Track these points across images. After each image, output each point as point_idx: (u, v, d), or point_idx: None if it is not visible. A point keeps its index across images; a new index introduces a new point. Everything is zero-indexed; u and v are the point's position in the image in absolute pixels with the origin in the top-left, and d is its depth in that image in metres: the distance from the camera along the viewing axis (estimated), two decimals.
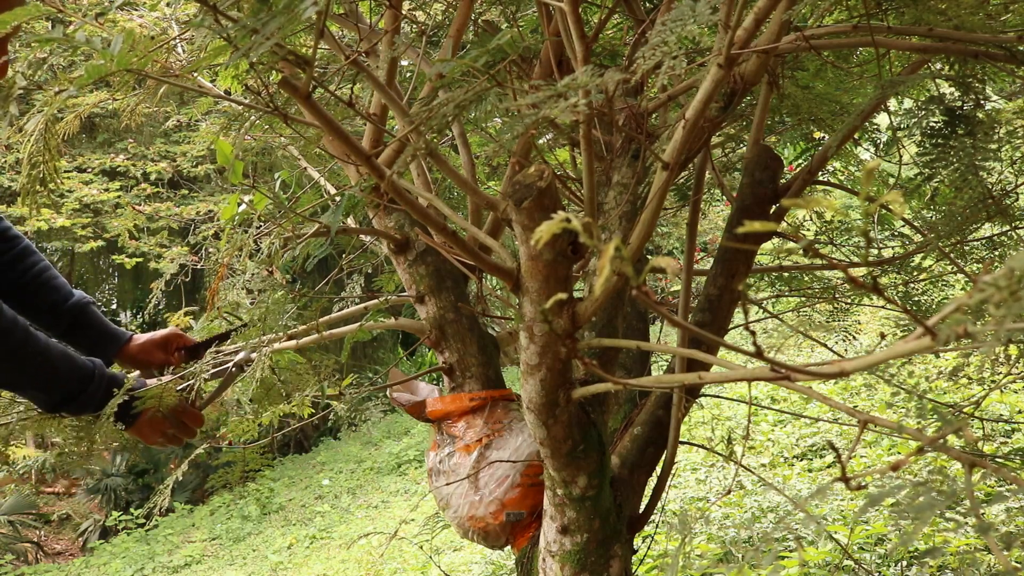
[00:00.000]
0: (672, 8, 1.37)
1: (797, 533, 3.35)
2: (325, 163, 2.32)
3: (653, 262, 0.62)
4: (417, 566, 5.18)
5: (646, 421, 1.70)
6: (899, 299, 2.37)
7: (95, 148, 8.91)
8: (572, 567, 1.48)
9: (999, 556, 0.59)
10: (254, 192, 1.95)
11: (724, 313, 1.72)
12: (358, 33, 1.92)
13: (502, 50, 1.16)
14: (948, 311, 0.57)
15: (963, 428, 0.63)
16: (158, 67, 1.22)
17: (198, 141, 8.07)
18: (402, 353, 9.07)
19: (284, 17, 0.88)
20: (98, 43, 1.00)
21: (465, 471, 1.77)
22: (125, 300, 12.37)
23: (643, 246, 1.24)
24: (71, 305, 1.69)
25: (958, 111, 1.64)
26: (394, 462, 8.76)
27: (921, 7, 1.42)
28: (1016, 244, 1.98)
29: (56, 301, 1.68)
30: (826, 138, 2.18)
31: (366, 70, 1.50)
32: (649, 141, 1.47)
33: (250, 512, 8.70)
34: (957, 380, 4.31)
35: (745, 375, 0.81)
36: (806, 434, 4.69)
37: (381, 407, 2.41)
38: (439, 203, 1.47)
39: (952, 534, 3.01)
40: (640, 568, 3.05)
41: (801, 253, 0.58)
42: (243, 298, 1.93)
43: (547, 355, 1.25)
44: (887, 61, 2.00)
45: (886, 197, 0.53)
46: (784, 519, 3.61)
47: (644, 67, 0.95)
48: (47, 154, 1.62)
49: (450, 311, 1.89)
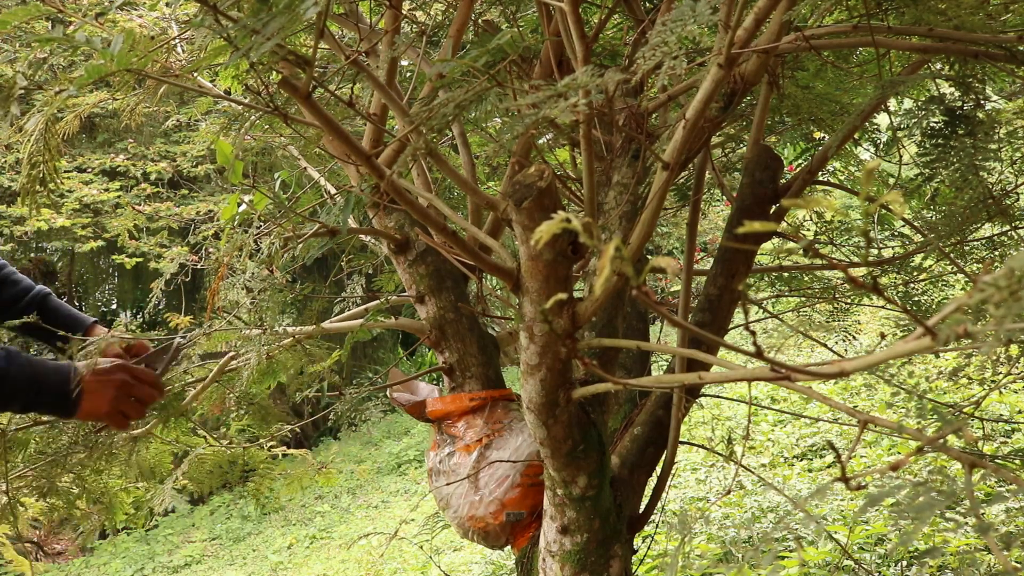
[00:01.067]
0: (672, 8, 1.37)
1: (797, 533, 3.35)
2: (325, 163, 2.32)
3: (653, 262, 0.62)
4: (417, 566, 5.18)
5: (646, 421, 1.70)
6: (899, 299, 2.37)
7: (95, 148, 8.90)
8: (572, 567, 1.48)
9: (999, 556, 0.59)
10: (254, 192, 1.95)
11: (724, 313, 1.72)
12: (358, 33, 1.92)
13: (502, 50, 1.16)
14: (948, 311, 0.57)
15: (963, 428, 0.63)
16: (158, 67, 1.22)
17: (198, 141, 8.07)
18: (402, 353, 9.07)
19: (284, 17, 0.88)
20: (98, 43, 1.00)
21: (465, 471, 1.77)
22: (125, 300, 12.36)
23: (643, 246, 1.24)
24: (33, 295, 1.74)
25: (958, 111, 1.64)
26: (394, 462, 8.76)
27: (921, 7, 1.42)
28: (1016, 244, 1.98)
29: (18, 294, 1.73)
30: (826, 138, 2.18)
31: (366, 70, 1.50)
32: (649, 141, 1.47)
33: (250, 512, 8.70)
34: (957, 380, 4.31)
35: (745, 375, 0.81)
36: (806, 434, 4.69)
37: (381, 407, 2.41)
38: (439, 203, 1.47)
39: (952, 534, 3.01)
40: (640, 568, 3.05)
41: (801, 253, 0.58)
42: (243, 297, 1.93)
43: (547, 355, 1.25)
44: (887, 61, 2.00)
45: (886, 197, 0.53)
46: (784, 519, 3.61)
47: (644, 67, 0.95)
48: (47, 154, 1.62)
49: (450, 311, 1.89)
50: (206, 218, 7.86)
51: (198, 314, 3.62)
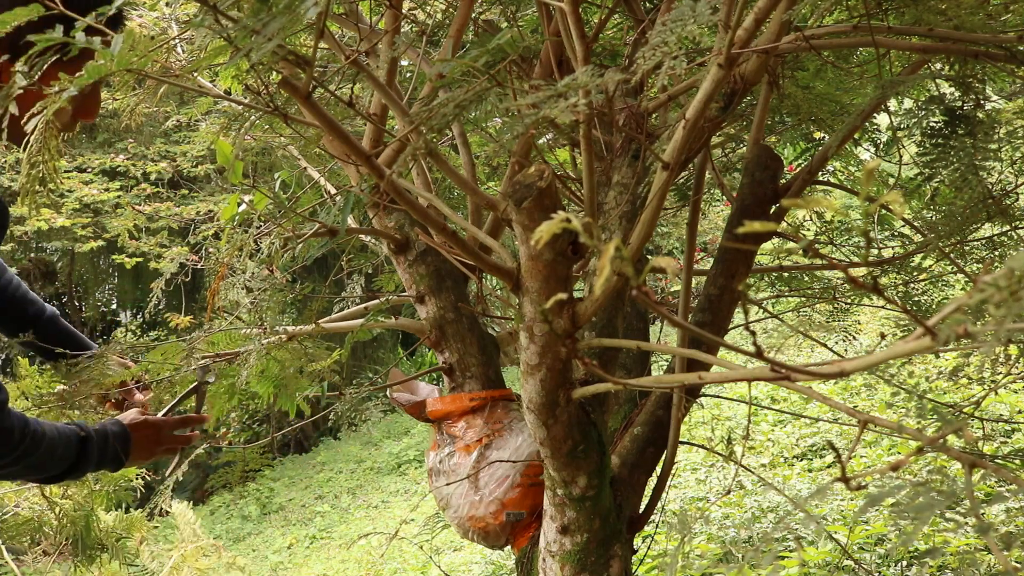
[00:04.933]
0: (672, 8, 1.37)
1: (797, 533, 3.35)
2: (325, 163, 2.32)
3: (653, 262, 0.62)
4: (417, 566, 5.18)
5: (646, 421, 1.70)
6: (899, 299, 2.37)
7: (95, 148, 8.90)
8: (572, 567, 1.48)
9: (999, 556, 0.59)
10: (254, 192, 1.95)
11: (724, 313, 1.72)
12: (358, 33, 1.92)
13: (502, 50, 1.16)
14: (948, 311, 0.57)
15: (963, 428, 0.63)
16: (158, 67, 1.22)
17: (198, 141, 8.07)
18: (402, 353, 9.07)
19: (285, 17, 0.88)
20: (98, 43, 1.00)
21: (465, 471, 1.77)
22: (125, 300, 12.35)
23: (643, 246, 1.24)
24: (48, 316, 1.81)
25: (958, 111, 1.64)
26: (394, 462, 8.76)
27: (921, 7, 1.42)
28: (1016, 244, 1.98)
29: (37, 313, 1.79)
30: (826, 138, 2.18)
31: (366, 70, 1.50)
32: (649, 141, 1.47)
33: (250, 512, 8.69)
34: (957, 380, 4.31)
35: (745, 375, 0.81)
36: (806, 434, 4.69)
37: (381, 407, 2.41)
38: (439, 203, 1.47)
39: (952, 534, 3.01)
40: (640, 568, 3.05)
41: (801, 253, 0.58)
42: (243, 298, 1.93)
43: (547, 355, 1.25)
44: (887, 61, 2.00)
45: (886, 197, 0.53)
46: (784, 519, 3.61)
47: (644, 67, 0.95)
48: (47, 154, 1.62)
49: (450, 311, 1.88)
50: (206, 218, 7.86)
51: (198, 314, 3.62)
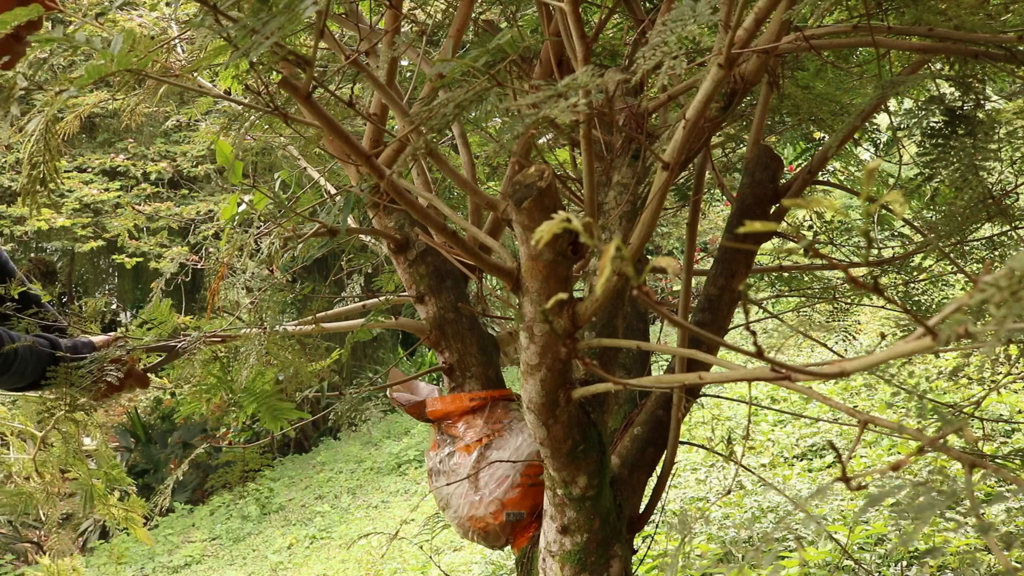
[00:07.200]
0: (672, 8, 1.37)
1: (797, 533, 3.34)
2: (325, 163, 2.32)
3: (653, 262, 0.62)
4: (417, 566, 5.18)
5: (646, 421, 1.70)
6: (899, 299, 2.37)
7: (95, 148, 8.91)
8: (572, 567, 1.48)
9: (999, 556, 0.59)
10: (254, 192, 1.95)
11: (724, 313, 1.72)
12: (358, 33, 1.92)
13: (502, 50, 1.16)
14: (948, 311, 0.57)
15: (963, 428, 0.63)
16: (158, 67, 1.22)
17: (198, 141, 8.07)
18: (402, 353, 9.06)
19: (284, 17, 0.88)
20: (98, 43, 1.00)
21: (465, 471, 1.77)
22: (125, 300, 12.36)
23: (643, 246, 1.24)
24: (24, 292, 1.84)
25: (958, 111, 1.64)
26: (394, 462, 8.76)
27: (921, 7, 1.42)
28: (1016, 244, 1.98)
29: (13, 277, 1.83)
30: (826, 138, 2.18)
31: (366, 70, 1.50)
32: (649, 141, 1.47)
33: (250, 512, 8.69)
34: (957, 380, 4.31)
35: (745, 375, 0.81)
36: (806, 434, 4.69)
37: (381, 407, 2.41)
38: (439, 203, 1.47)
39: (952, 534, 3.01)
40: (640, 568, 3.05)
41: (801, 253, 0.58)
42: (243, 297, 1.93)
43: (547, 355, 1.25)
44: (887, 61, 2.00)
45: (886, 197, 0.53)
46: (784, 519, 3.61)
47: (644, 67, 0.95)
48: (47, 154, 1.62)
49: (450, 311, 1.88)
50: (206, 218, 7.86)
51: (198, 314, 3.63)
